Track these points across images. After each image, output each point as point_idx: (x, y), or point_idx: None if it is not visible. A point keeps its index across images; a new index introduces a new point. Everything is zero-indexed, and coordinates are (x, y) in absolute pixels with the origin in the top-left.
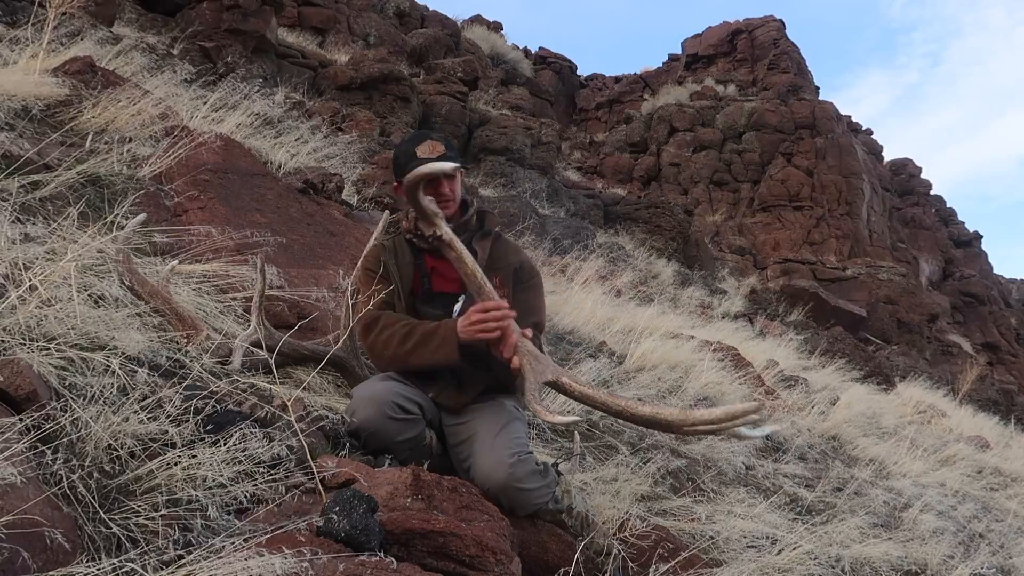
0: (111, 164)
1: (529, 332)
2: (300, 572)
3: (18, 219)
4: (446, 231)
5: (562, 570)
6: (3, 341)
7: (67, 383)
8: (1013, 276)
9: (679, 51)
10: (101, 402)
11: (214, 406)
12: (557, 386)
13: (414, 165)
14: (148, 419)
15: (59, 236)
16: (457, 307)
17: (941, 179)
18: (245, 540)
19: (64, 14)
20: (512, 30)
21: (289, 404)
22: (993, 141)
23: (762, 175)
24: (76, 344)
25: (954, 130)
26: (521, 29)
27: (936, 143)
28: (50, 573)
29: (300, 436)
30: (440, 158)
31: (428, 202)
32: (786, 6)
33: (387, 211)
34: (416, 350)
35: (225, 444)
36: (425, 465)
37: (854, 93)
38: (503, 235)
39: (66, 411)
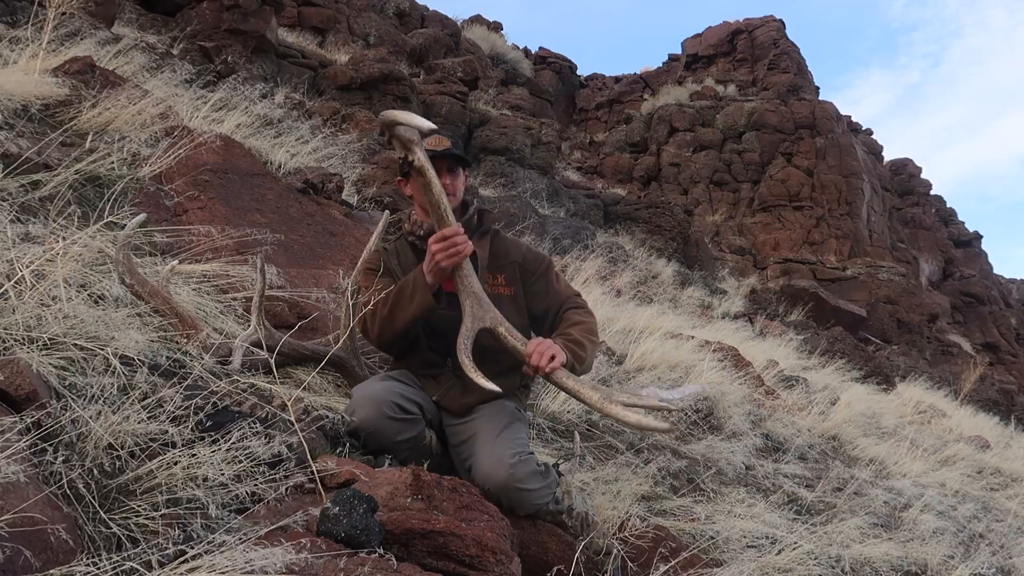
0: (111, 164)
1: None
2: (302, 566)
3: (18, 219)
4: (419, 156)
5: (557, 568)
6: (3, 340)
7: (67, 383)
8: (1013, 276)
9: (679, 51)
10: (101, 402)
11: (214, 406)
12: (493, 335)
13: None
14: (148, 419)
15: (59, 236)
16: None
17: (942, 179)
18: (245, 537)
19: (64, 14)
20: (512, 30)
21: (289, 404)
22: (994, 141)
23: (762, 175)
24: (76, 344)
25: (955, 130)
26: (521, 29)
27: (937, 143)
28: (50, 572)
29: (300, 436)
30: (445, 152)
31: (404, 130)
32: (787, 6)
33: (387, 211)
34: (396, 307)
35: (225, 444)
36: (425, 465)
37: (855, 93)
38: (501, 232)
39: (66, 411)
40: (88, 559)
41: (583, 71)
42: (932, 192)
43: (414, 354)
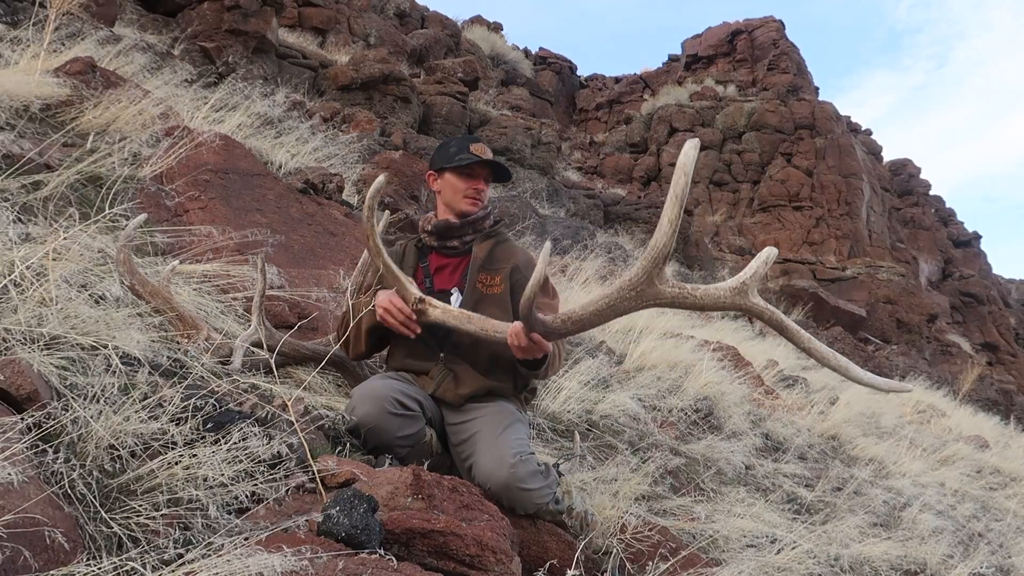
0: (112, 164)
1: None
2: (300, 571)
3: (19, 219)
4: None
5: (550, 563)
6: (4, 340)
7: (68, 382)
8: (1012, 276)
9: (679, 51)
10: (102, 401)
11: (214, 405)
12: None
13: (464, 157)
14: (149, 418)
15: (60, 236)
16: (453, 298)
17: (946, 180)
18: (245, 539)
19: (65, 14)
20: (512, 31)
21: (289, 404)
22: (997, 142)
23: (762, 175)
24: (77, 344)
25: (959, 131)
26: (521, 29)
27: (941, 144)
28: (51, 572)
29: (300, 435)
30: (487, 162)
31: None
32: (792, 7)
33: (387, 211)
34: (352, 318)
35: (225, 444)
36: (425, 464)
37: (860, 94)
38: (510, 240)
39: (67, 410)
40: (88, 559)
41: (583, 71)
42: (932, 192)
43: (405, 346)
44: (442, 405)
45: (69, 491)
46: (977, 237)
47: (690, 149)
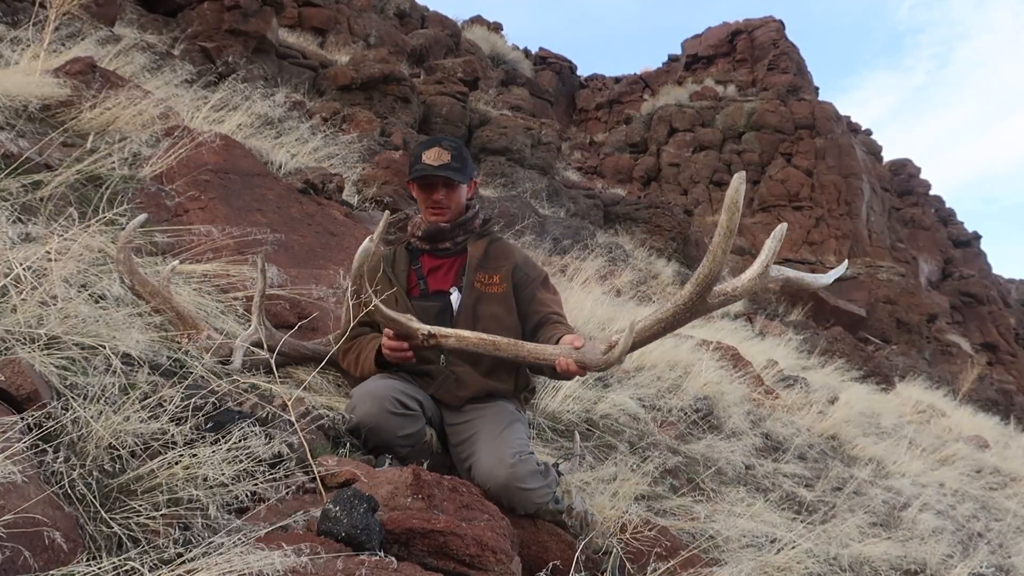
0: (112, 164)
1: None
2: (300, 568)
3: (19, 219)
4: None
5: (553, 564)
6: (4, 340)
7: (68, 382)
8: (1012, 276)
9: (679, 52)
10: (102, 401)
11: (215, 405)
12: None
13: (419, 167)
14: (149, 418)
15: (60, 236)
16: (452, 297)
17: (946, 180)
18: (245, 537)
19: (65, 14)
20: (512, 31)
21: (289, 404)
22: (998, 142)
23: (762, 175)
24: (77, 343)
25: (959, 132)
26: (521, 30)
27: (941, 145)
28: (51, 572)
29: (300, 435)
30: (443, 167)
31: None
32: (792, 7)
33: (387, 211)
34: (361, 367)
35: (226, 443)
36: (425, 464)
37: (861, 95)
38: (504, 239)
39: (67, 410)
40: (88, 559)
41: (583, 71)
42: (932, 192)
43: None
44: (442, 405)
45: (69, 491)
46: (977, 237)
47: (739, 184)
